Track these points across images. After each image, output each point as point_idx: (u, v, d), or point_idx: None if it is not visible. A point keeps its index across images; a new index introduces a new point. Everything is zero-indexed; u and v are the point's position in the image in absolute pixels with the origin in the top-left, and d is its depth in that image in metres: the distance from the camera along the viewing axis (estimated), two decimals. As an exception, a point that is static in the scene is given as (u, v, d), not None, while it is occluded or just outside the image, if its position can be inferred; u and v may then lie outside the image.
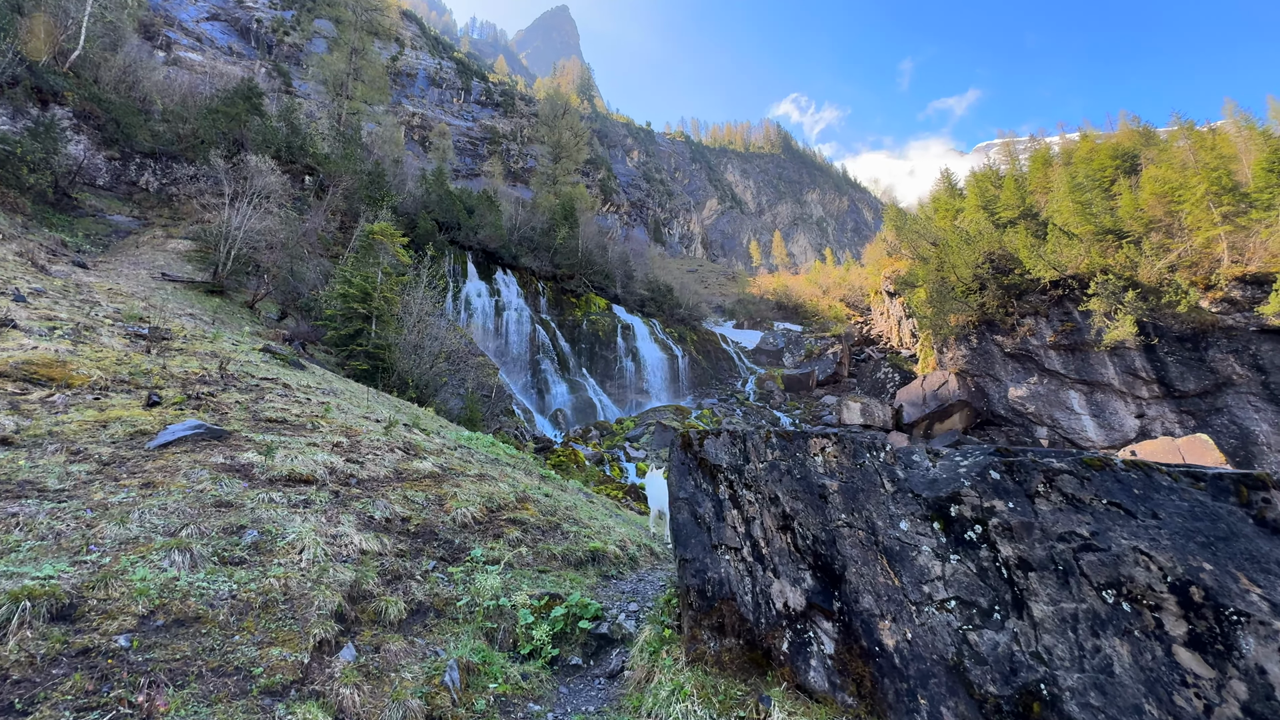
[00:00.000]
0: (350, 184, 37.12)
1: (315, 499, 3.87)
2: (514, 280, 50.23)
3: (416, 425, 7.64)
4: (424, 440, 6.53)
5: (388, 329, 20.16)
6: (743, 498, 2.66)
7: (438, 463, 5.29)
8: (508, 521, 4.49)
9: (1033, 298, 37.24)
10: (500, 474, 5.76)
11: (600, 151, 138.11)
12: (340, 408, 7.05)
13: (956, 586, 2.31)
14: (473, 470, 5.34)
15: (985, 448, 2.76)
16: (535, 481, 6.80)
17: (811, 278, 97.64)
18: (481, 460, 7.25)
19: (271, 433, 4.87)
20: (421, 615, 2.83)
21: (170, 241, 27.92)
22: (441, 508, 4.23)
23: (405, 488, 4.56)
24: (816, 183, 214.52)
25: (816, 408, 46.13)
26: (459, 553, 3.62)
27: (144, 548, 2.84)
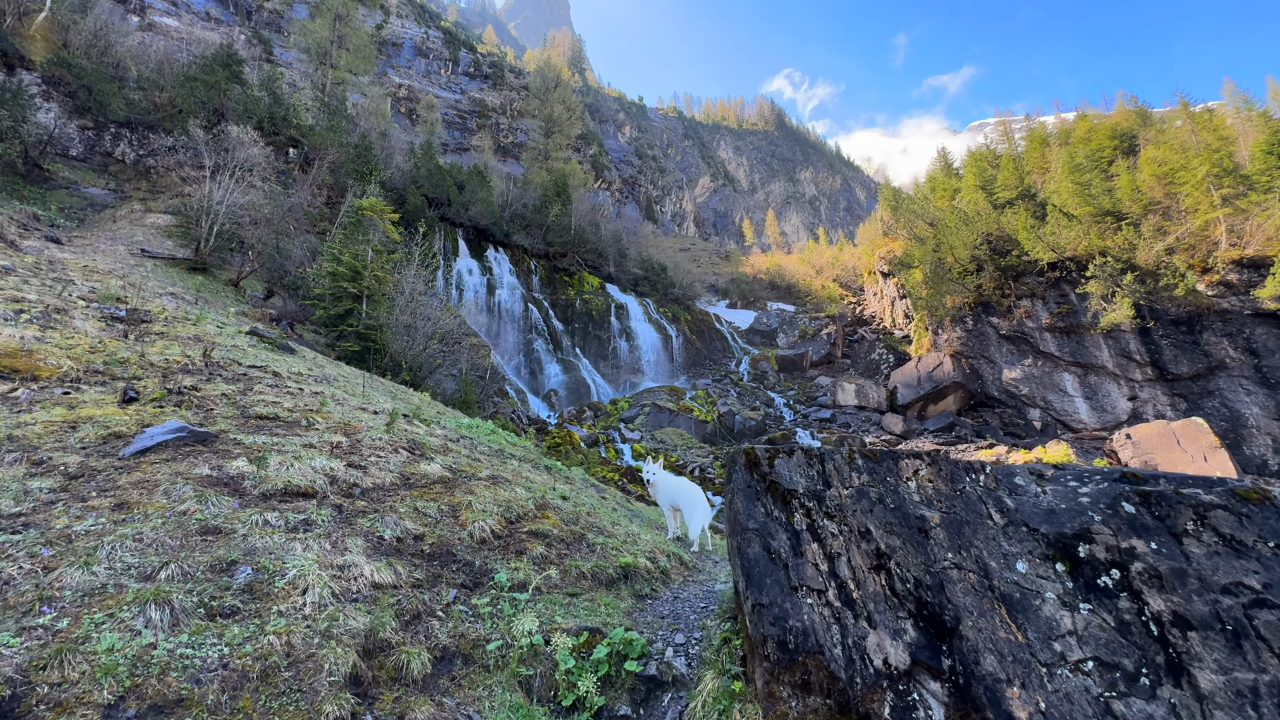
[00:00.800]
0: (336, 157, 35.92)
1: (317, 518, 3.42)
2: (506, 258, 49.33)
3: (417, 416, 7.21)
4: (426, 434, 6.11)
5: (379, 309, 19.55)
6: (824, 529, 2.29)
7: (446, 464, 4.88)
8: (529, 535, 4.11)
9: (1030, 280, 37.09)
10: (512, 474, 5.35)
11: (592, 126, 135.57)
12: (336, 398, 6.59)
13: (1093, 644, 1.94)
14: (484, 471, 4.93)
15: (1107, 471, 2.36)
16: (545, 478, 6.41)
17: (805, 257, 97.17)
18: (487, 453, 6.84)
19: (263, 433, 4.40)
20: (447, 664, 2.45)
21: (149, 216, 26.89)
22: (457, 520, 3.87)
23: (415, 497, 4.14)
24: (810, 161, 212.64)
25: (811, 389, 46.08)
26: (481, 576, 3.23)
27: (113, 601, 2.35)
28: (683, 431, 35.50)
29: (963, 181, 49.13)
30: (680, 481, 6.11)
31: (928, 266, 42.52)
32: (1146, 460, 23.75)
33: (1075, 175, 37.21)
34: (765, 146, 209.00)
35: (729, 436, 36.33)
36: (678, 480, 6.14)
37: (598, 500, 6.31)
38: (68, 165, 29.09)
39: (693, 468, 29.67)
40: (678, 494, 6.01)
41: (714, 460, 31.61)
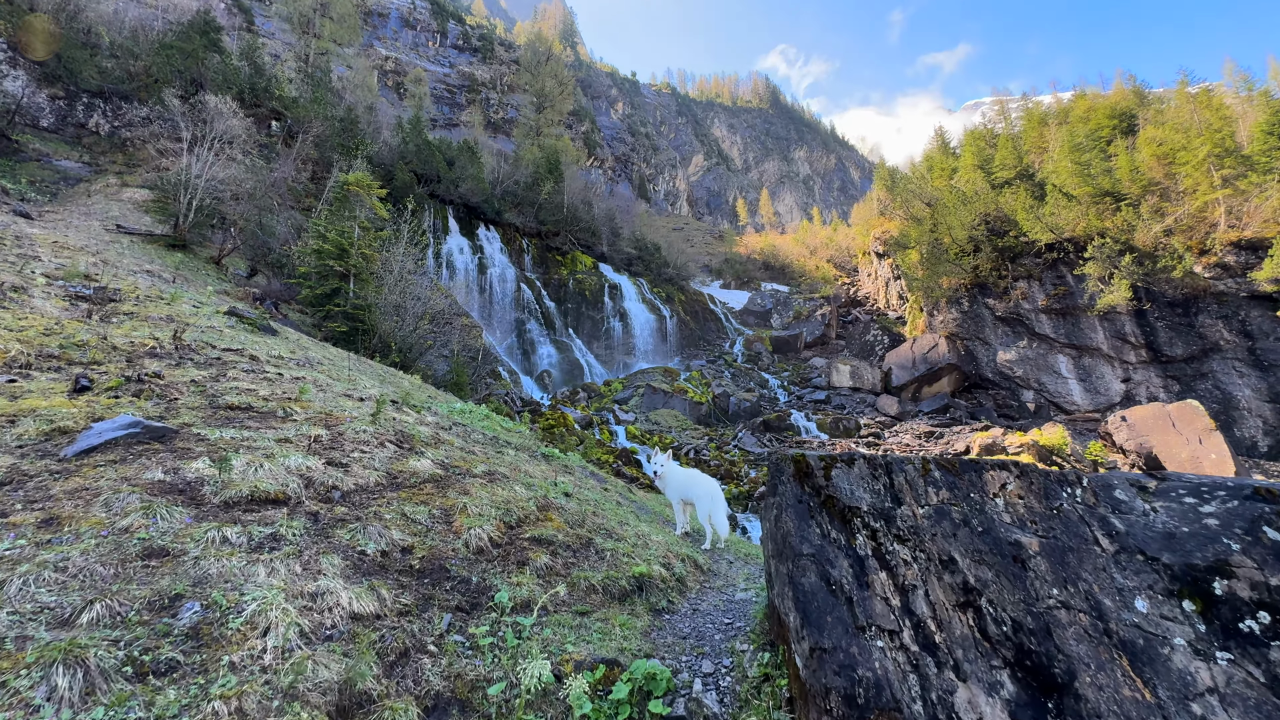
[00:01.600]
0: (321, 130, 34.76)
1: (287, 531, 2.89)
2: (497, 236, 48.40)
3: (406, 402, 6.77)
4: (416, 423, 5.69)
5: (367, 288, 18.93)
6: (894, 555, 1.91)
7: (438, 459, 4.47)
8: (532, 542, 3.67)
9: (1027, 261, 36.82)
10: (509, 468, 4.94)
11: (584, 103, 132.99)
12: (318, 384, 6.13)
13: (1240, 706, 1.57)
14: (479, 466, 4.53)
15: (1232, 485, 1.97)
16: (545, 470, 6.02)
17: (799, 237, 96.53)
18: (481, 443, 6.44)
19: (232, 426, 3.95)
20: (441, 716, 2.06)
21: (126, 190, 25.91)
22: (450, 527, 3.45)
23: (403, 499, 3.68)
24: (804, 140, 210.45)
25: (805, 370, 45.91)
26: (479, 596, 2.83)
27: (8, 663, 1.82)
28: (677, 413, 35.26)
29: (960, 161, 48.53)
30: (691, 474, 5.77)
31: (924, 247, 42.12)
32: (1141, 443, 23.75)
33: (1075, 155, 36.74)
34: (759, 125, 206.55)
35: (724, 418, 36.14)
36: (689, 473, 5.78)
37: (601, 495, 5.93)
38: (38, 137, 27.93)
39: (688, 450, 29.47)
40: (690, 488, 5.71)
41: (709, 442, 31.42)
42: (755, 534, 19.16)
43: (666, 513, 7.05)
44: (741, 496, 23.15)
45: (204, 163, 20.84)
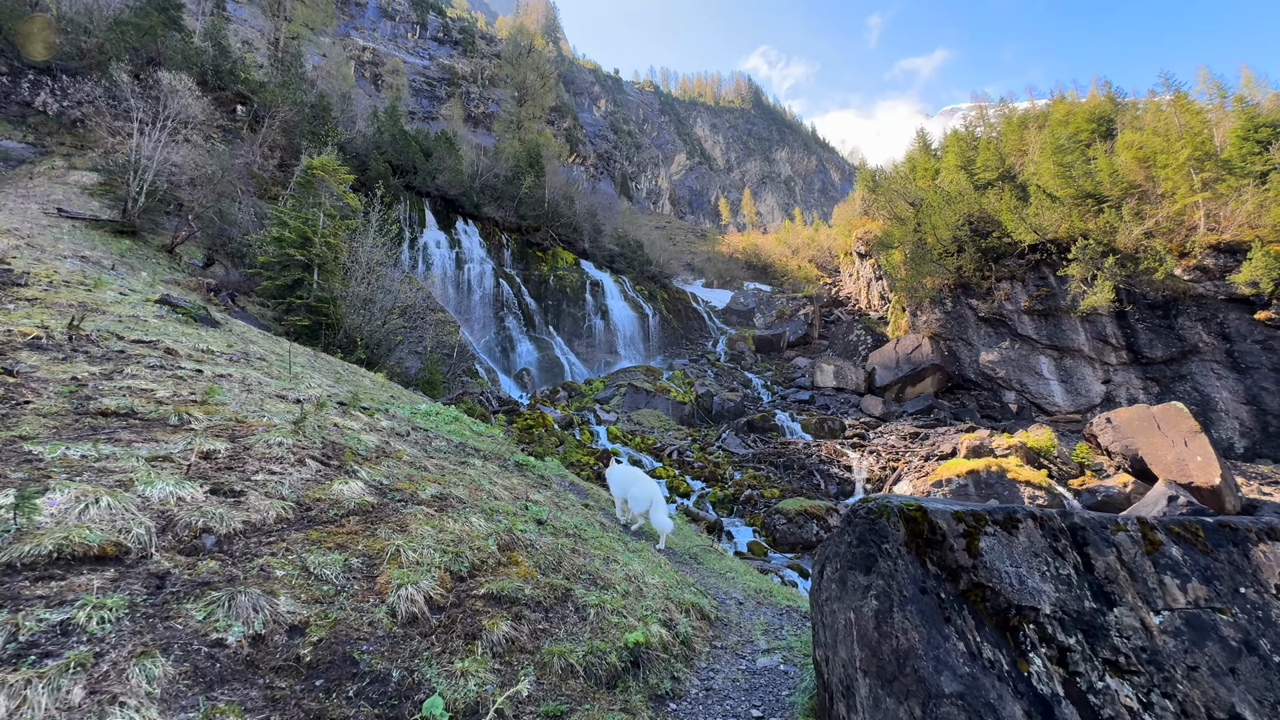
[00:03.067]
0: (290, 116, 33.18)
1: (91, 617, 1.83)
2: (476, 231, 47.09)
3: (356, 404, 5.83)
4: (361, 430, 4.76)
5: (333, 280, 17.74)
6: (1108, 699, 1.10)
7: (374, 479, 3.54)
8: (488, 601, 2.68)
9: (1010, 262, 36.78)
10: (469, 488, 4.02)
11: (566, 99, 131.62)
12: (247, 383, 5.16)
13: None
14: (428, 489, 3.64)
15: None
16: (516, 484, 5.12)
17: (781, 237, 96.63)
18: (443, 452, 5.53)
19: (92, 439, 2.96)
20: None
21: (73, 173, 24.23)
22: (372, 585, 2.45)
23: (311, 543, 2.67)
24: (786, 141, 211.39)
25: (788, 369, 45.47)
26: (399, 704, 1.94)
27: None
28: (660, 413, 34.46)
29: (943, 161, 48.54)
30: (632, 474, 6.36)
31: (908, 247, 41.94)
32: (1127, 445, 23.57)
33: (1057, 156, 36.80)
34: (742, 125, 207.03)
35: (707, 418, 35.45)
36: (630, 472, 6.40)
37: (583, 516, 5.05)
38: (-22, 115, 26.03)
39: (670, 451, 28.68)
40: (628, 486, 6.29)
41: (692, 443, 30.68)
42: (741, 538, 18.43)
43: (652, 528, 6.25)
44: (726, 500, 22.41)
45: (156, 143, 19.39)
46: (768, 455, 28.10)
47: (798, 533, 18.00)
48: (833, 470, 26.17)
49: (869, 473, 25.66)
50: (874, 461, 26.49)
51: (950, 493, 20.75)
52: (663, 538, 5.95)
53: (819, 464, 26.80)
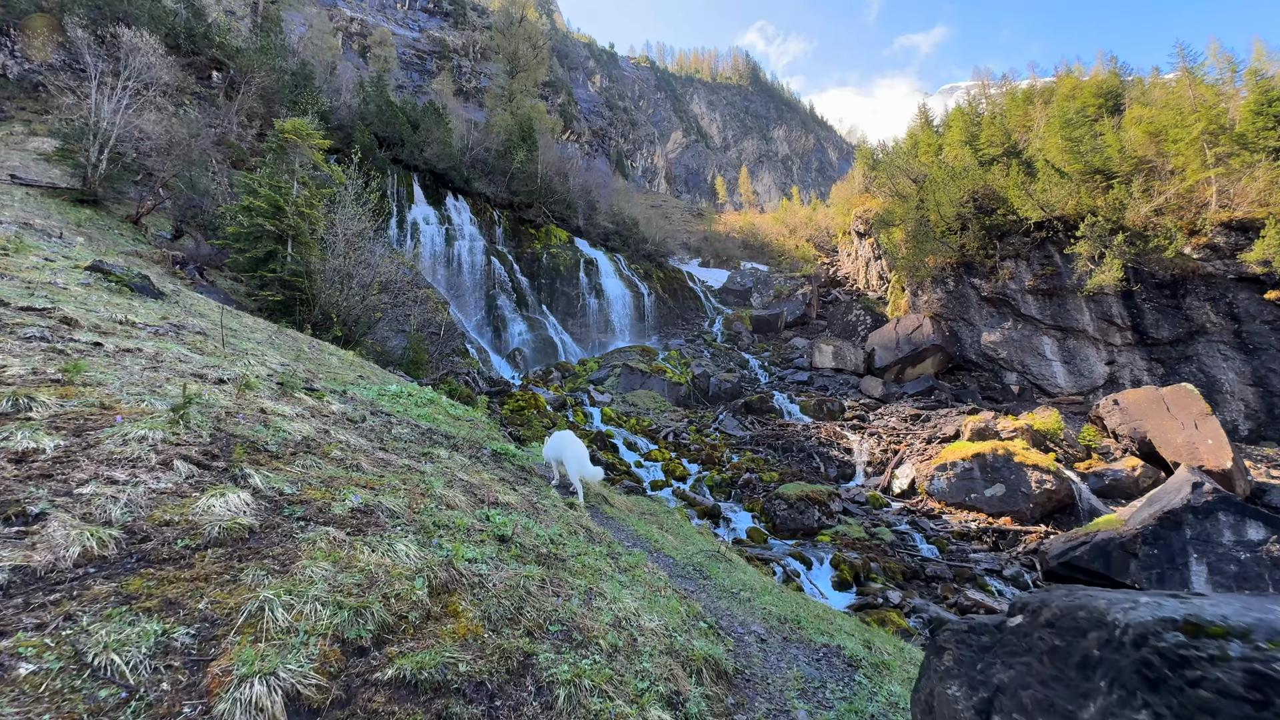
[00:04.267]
0: (268, 82, 31.64)
1: None
2: (466, 207, 45.70)
3: (296, 385, 4.94)
4: (293, 418, 3.89)
5: (309, 253, 16.65)
6: None
7: (274, 485, 2.74)
8: (395, 691, 1.79)
9: (1015, 240, 35.86)
10: (412, 496, 3.12)
11: (560, 74, 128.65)
12: (157, 359, 4.26)
13: None
14: (350, 497, 2.77)
15: None
16: (484, 481, 4.28)
17: (778, 216, 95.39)
18: (403, 441, 4.67)
19: None
20: None
21: (33, 140, 22.89)
22: (196, 679, 1.56)
23: (120, 600, 1.78)
24: (784, 119, 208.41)
25: (786, 350, 44.71)
26: None
27: None
28: (655, 394, 33.68)
29: (947, 137, 47.28)
30: (564, 437, 6.79)
31: (909, 225, 40.93)
32: (1135, 428, 22.95)
33: (1065, 131, 35.67)
34: (739, 102, 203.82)
35: (704, 399, 34.71)
36: (562, 436, 6.81)
37: (565, 522, 4.19)
38: (-69, 77, 24.52)
39: (666, 432, 27.95)
40: (562, 450, 6.65)
41: (688, 424, 29.96)
42: (740, 524, 17.76)
43: (658, 535, 5.38)
44: (724, 484, 21.71)
45: (117, 106, 18.09)
46: (766, 437, 27.41)
47: (798, 519, 17.32)
48: (832, 453, 25.52)
49: (870, 455, 25.03)
50: (875, 444, 25.85)
51: (955, 476, 20.11)
52: (594, 483, 6.69)
53: (818, 446, 26.14)
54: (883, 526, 17.62)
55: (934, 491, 20.41)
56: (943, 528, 17.87)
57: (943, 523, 18.31)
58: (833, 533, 16.89)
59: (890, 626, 11.18)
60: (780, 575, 13.53)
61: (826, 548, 15.69)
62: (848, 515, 18.46)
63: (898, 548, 15.97)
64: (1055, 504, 19.23)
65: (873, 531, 17.01)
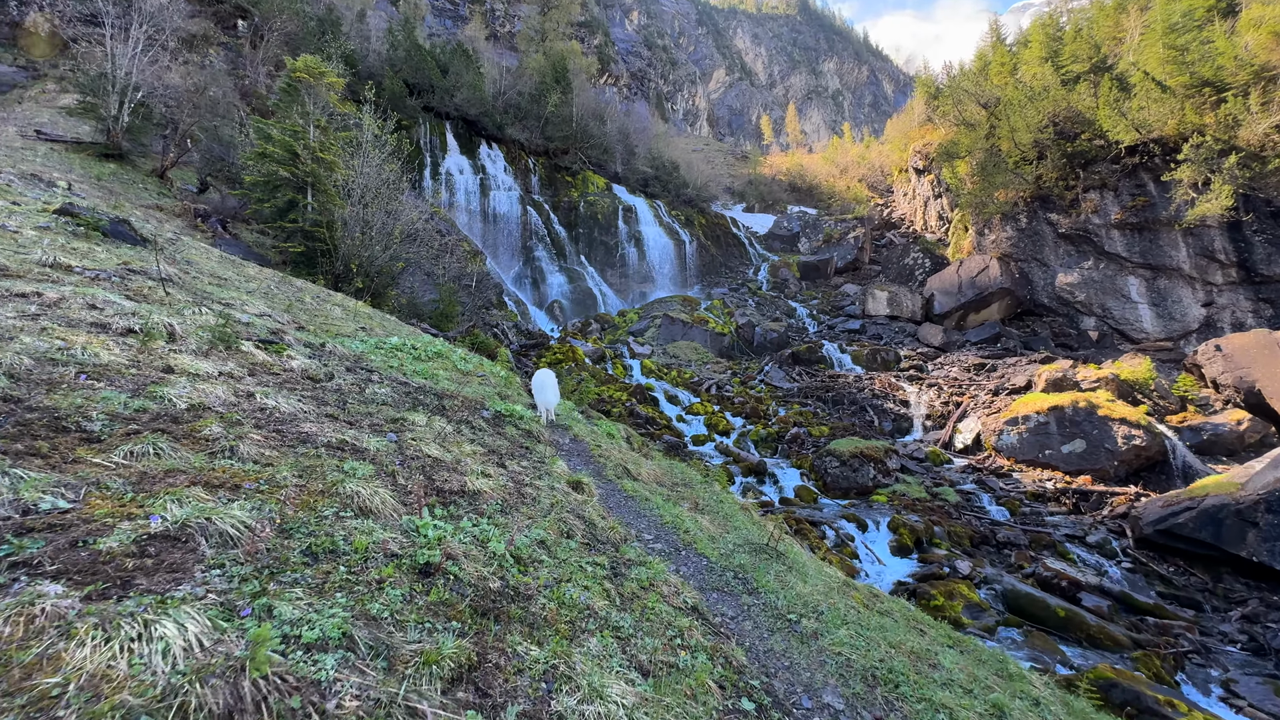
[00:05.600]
0: (293, 28, 30.61)
1: None
2: (500, 155, 44.30)
3: (266, 338, 4.04)
4: (209, 374, 2.99)
5: (330, 201, 15.86)
6: None
7: (23, 501, 1.77)
8: None
9: (1101, 168, 31.99)
10: (296, 497, 2.13)
11: (596, 13, 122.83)
12: (57, 305, 3.41)
13: None
14: (168, 511, 1.82)
15: None
16: (462, 454, 3.30)
17: (828, 156, 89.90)
18: (374, 404, 3.73)
19: None
20: None
21: (64, 96, 22.70)
22: None
23: None
24: (835, 50, 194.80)
25: (836, 297, 42.30)
26: None
27: None
28: (697, 345, 32.41)
29: (1023, 55, 42.25)
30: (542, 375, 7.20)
31: (978, 156, 37.22)
32: (1241, 376, 20.31)
33: (1169, 38, 30.96)
34: (786, 34, 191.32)
35: (748, 350, 33.24)
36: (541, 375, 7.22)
37: (553, 523, 3.06)
38: (-34, 38, 24.53)
39: (709, 384, 26.81)
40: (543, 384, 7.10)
41: (732, 376, 28.71)
42: (788, 482, 16.66)
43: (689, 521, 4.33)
44: (770, 439, 20.56)
45: (133, 55, 17.42)
46: (815, 389, 25.92)
47: (851, 477, 16.07)
48: (887, 406, 23.87)
49: (928, 408, 23.27)
50: (934, 396, 24.01)
51: (1028, 431, 18.29)
52: (552, 409, 7.15)
53: (872, 399, 24.52)
54: (945, 486, 16.19)
55: (1002, 447, 18.69)
56: (1014, 487, 16.29)
57: (1013, 482, 16.71)
58: (889, 492, 15.61)
59: (959, 601, 10.01)
60: (833, 539, 12.46)
61: (883, 509, 14.46)
62: (906, 473, 17.08)
63: (963, 509, 14.58)
64: (1144, 461, 17.27)
65: (934, 491, 15.63)
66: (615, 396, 22.96)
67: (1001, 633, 9.76)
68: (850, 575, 11.31)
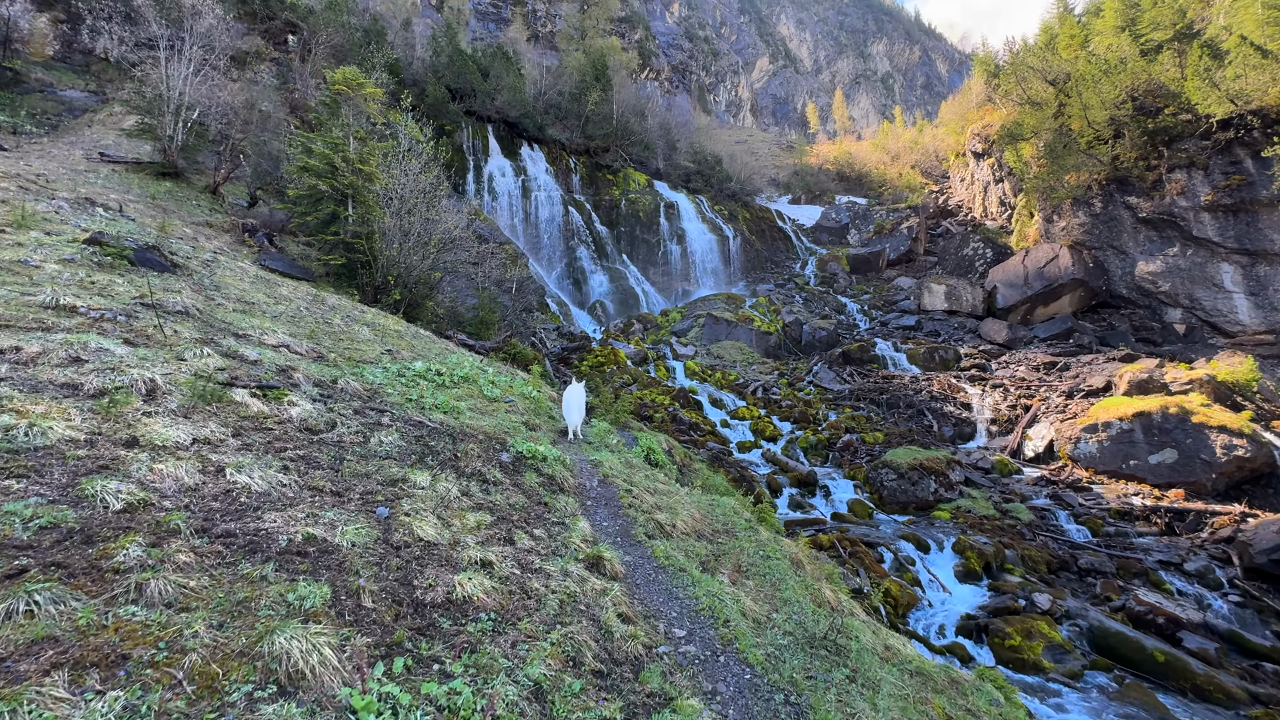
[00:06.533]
0: (339, 41, 31.29)
1: None
2: (541, 156, 44.32)
3: (264, 382, 3.70)
4: (177, 444, 2.63)
5: (370, 212, 15.90)
6: None
7: None
8: None
9: (1189, 145, 29.17)
10: (167, 668, 1.72)
11: (635, 7, 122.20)
12: (31, 363, 3.14)
13: None
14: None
15: None
16: (458, 531, 2.80)
17: (878, 142, 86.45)
18: (377, 460, 3.31)
19: None
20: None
21: (128, 119, 23.74)
22: None
23: None
24: (884, 31, 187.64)
25: (889, 291, 40.44)
26: None
27: None
28: (742, 345, 31.50)
29: (1095, 25, 39.09)
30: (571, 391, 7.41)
31: (1045, 137, 34.70)
32: (1363, 375, 17.98)
33: (1269, -3, 27.85)
34: (832, 17, 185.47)
35: (796, 349, 32.09)
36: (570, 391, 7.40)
37: (554, 651, 2.47)
38: (44, 66, 26.03)
39: (754, 387, 25.92)
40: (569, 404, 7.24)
41: (779, 377, 27.71)
42: (840, 494, 15.74)
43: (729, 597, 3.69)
44: (820, 446, 19.58)
45: (184, 74, 17.94)
46: (868, 391, 24.65)
47: (910, 490, 15.01)
48: (947, 409, 22.43)
49: (993, 412, 21.71)
50: (999, 398, 22.40)
51: (1109, 439, 16.69)
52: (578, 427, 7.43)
53: (930, 401, 23.10)
54: (1016, 501, 14.92)
55: (1080, 457, 17.14)
56: (1095, 503, 14.84)
57: (1094, 497, 15.24)
58: (953, 508, 14.49)
59: (1038, 641, 9.01)
60: (891, 563, 11.56)
61: (947, 527, 13.39)
62: (970, 486, 15.85)
63: (1038, 529, 13.33)
64: (1247, 474, 15.46)
65: (1004, 507, 14.41)
66: (658, 401, 22.41)
67: (1089, 677, 8.70)
68: (911, 605, 10.41)
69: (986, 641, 9.28)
